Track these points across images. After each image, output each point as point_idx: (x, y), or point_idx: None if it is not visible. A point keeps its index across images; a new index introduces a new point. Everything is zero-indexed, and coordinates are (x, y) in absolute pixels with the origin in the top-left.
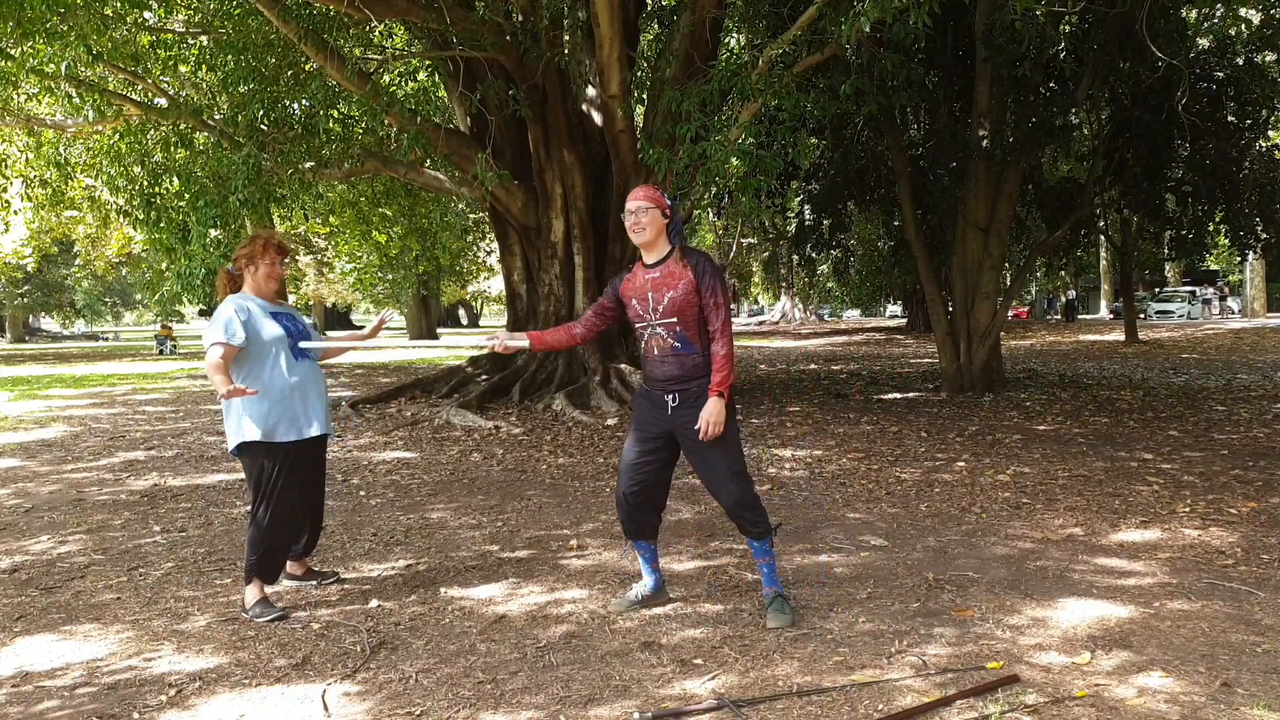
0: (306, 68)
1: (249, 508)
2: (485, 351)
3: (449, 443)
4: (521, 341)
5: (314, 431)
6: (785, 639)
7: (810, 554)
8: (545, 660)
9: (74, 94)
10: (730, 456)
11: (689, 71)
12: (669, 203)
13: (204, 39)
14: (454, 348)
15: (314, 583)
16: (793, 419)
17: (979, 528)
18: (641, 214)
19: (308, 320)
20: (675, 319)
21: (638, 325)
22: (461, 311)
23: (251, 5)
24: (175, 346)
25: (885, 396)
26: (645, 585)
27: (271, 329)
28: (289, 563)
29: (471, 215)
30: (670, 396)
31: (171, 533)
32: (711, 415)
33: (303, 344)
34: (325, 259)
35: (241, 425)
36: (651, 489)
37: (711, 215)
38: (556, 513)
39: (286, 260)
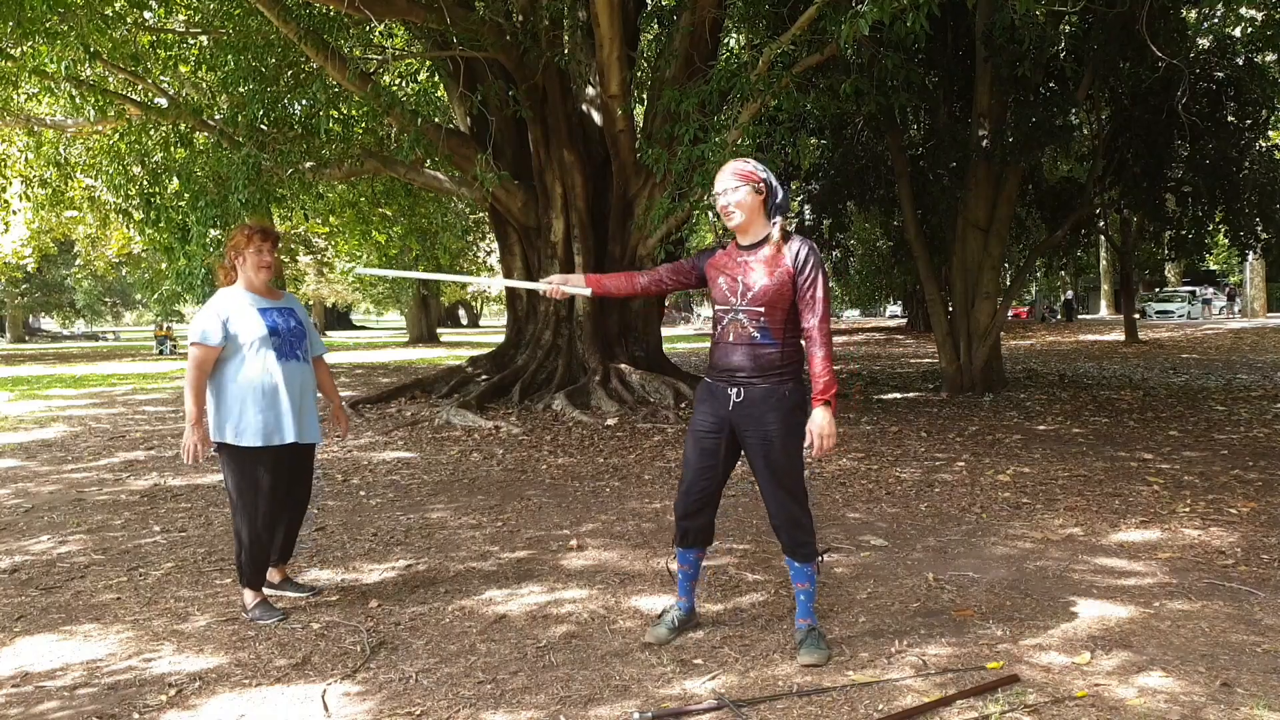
0: (306, 68)
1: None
2: (542, 296)
3: (449, 443)
4: (580, 288)
5: (286, 439)
6: (785, 639)
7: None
8: (545, 660)
9: (74, 94)
10: (791, 465)
11: (689, 71)
12: (763, 176)
13: (204, 39)
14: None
15: (289, 592)
16: None
17: (979, 528)
18: (730, 195)
19: (308, 317)
20: (763, 308)
21: (719, 308)
22: (461, 311)
23: (251, 5)
24: (175, 346)
25: (885, 396)
26: (679, 609)
27: (253, 328)
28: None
29: (471, 215)
30: (734, 390)
31: (171, 533)
32: (823, 429)
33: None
34: (325, 259)
35: (213, 424)
36: (713, 489)
37: (711, 215)
38: (556, 513)
39: (274, 247)
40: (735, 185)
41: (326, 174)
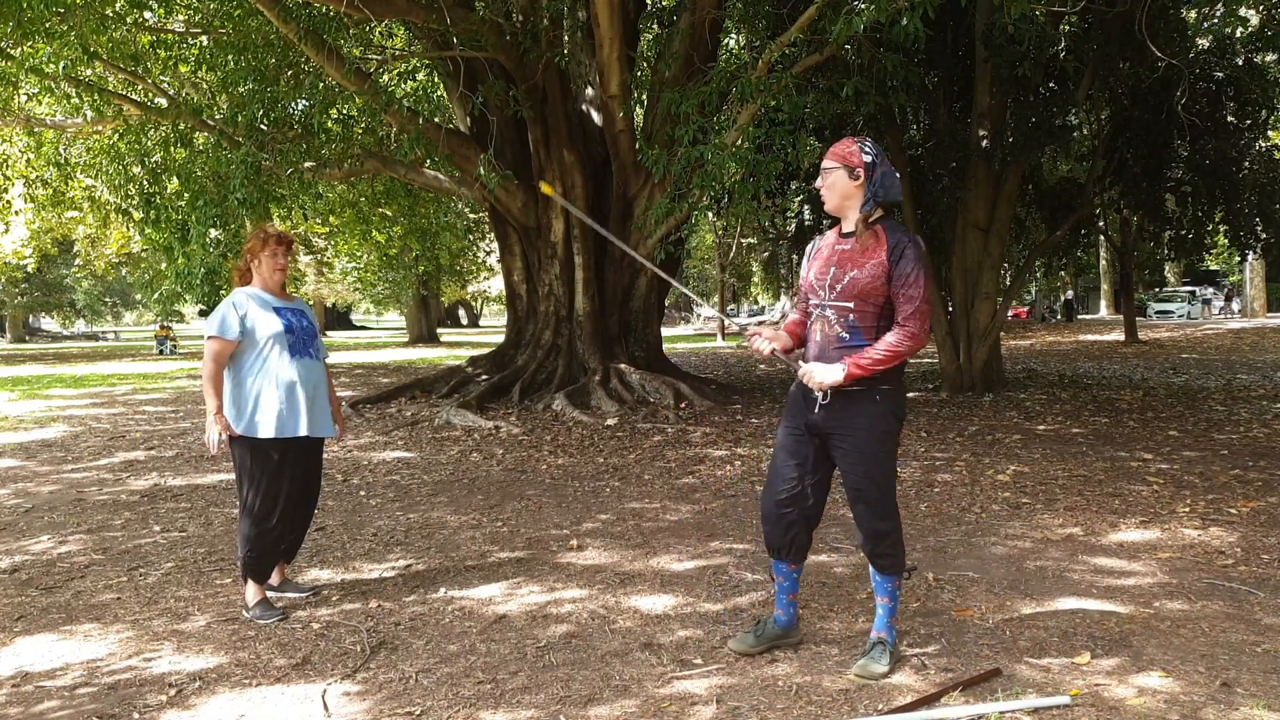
0: (306, 68)
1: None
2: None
3: (449, 443)
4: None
5: (299, 433)
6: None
7: (810, 554)
8: (545, 660)
9: (74, 94)
10: (880, 473)
11: (689, 72)
12: (866, 159)
13: (204, 39)
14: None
15: (289, 593)
16: None
17: (979, 528)
18: (825, 175)
19: (315, 320)
20: (852, 304)
21: (810, 300)
22: (461, 311)
23: (251, 5)
24: (175, 347)
25: None
26: (772, 620)
27: (270, 325)
28: None
29: (472, 215)
30: (821, 393)
31: (171, 533)
32: (821, 376)
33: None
34: (325, 259)
35: (228, 417)
36: (801, 499)
37: (711, 215)
38: (556, 513)
39: (288, 252)
40: (830, 166)
41: (326, 174)
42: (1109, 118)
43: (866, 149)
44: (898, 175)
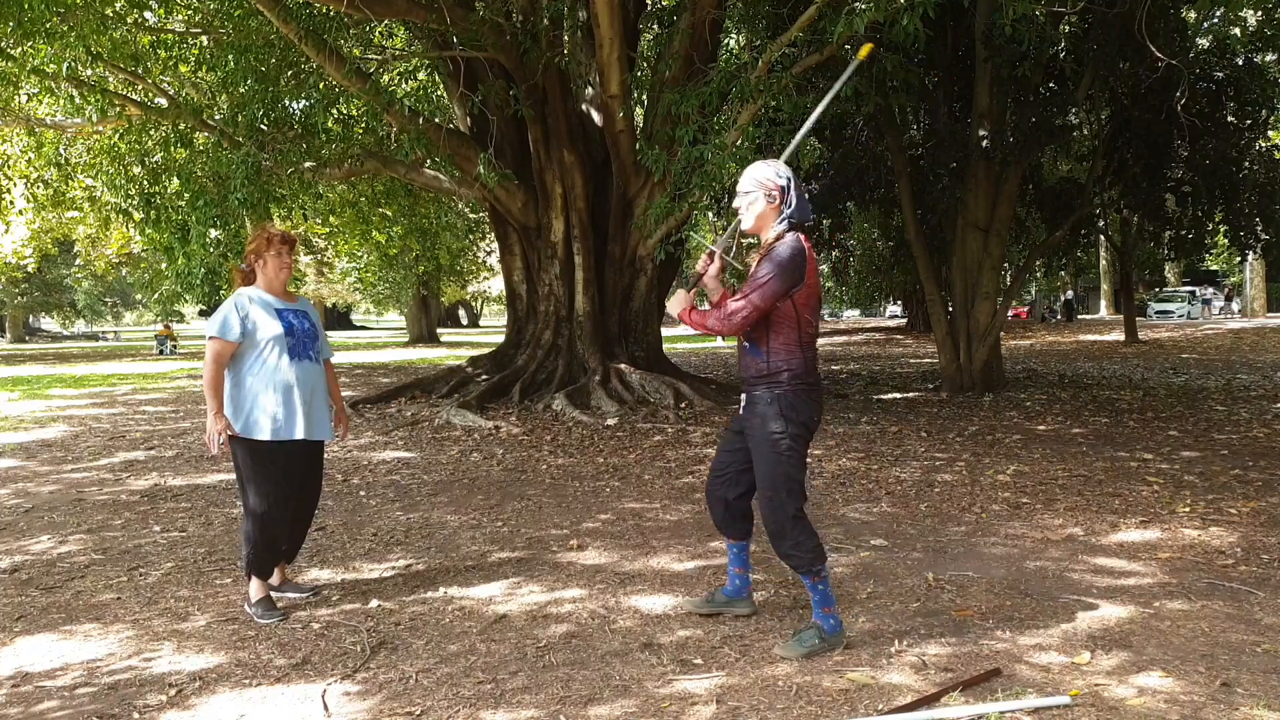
0: (306, 68)
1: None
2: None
3: (449, 443)
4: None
5: (295, 436)
6: (786, 639)
7: None
8: (545, 660)
9: (74, 94)
10: (770, 473)
11: (689, 72)
12: (780, 183)
13: (204, 39)
14: None
15: (290, 593)
16: None
17: (979, 528)
18: (740, 198)
19: (319, 320)
20: None
21: None
22: (461, 311)
23: (251, 5)
24: (176, 347)
25: (885, 396)
26: (724, 587)
27: (270, 326)
28: None
29: (472, 215)
30: (743, 397)
31: (171, 533)
32: (669, 303)
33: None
34: (325, 259)
35: (229, 416)
36: (724, 482)
37: (711, 215)
38: (556, 513)
39: (292, 251)
40: (747, 190)
41: (326, 174)
42: (1109, 118)
43: (780, 173)
44: (806, 196)
